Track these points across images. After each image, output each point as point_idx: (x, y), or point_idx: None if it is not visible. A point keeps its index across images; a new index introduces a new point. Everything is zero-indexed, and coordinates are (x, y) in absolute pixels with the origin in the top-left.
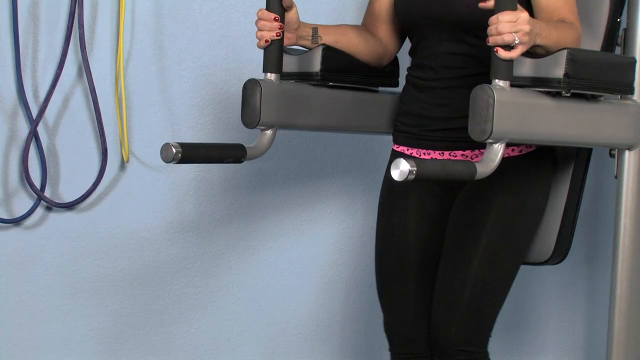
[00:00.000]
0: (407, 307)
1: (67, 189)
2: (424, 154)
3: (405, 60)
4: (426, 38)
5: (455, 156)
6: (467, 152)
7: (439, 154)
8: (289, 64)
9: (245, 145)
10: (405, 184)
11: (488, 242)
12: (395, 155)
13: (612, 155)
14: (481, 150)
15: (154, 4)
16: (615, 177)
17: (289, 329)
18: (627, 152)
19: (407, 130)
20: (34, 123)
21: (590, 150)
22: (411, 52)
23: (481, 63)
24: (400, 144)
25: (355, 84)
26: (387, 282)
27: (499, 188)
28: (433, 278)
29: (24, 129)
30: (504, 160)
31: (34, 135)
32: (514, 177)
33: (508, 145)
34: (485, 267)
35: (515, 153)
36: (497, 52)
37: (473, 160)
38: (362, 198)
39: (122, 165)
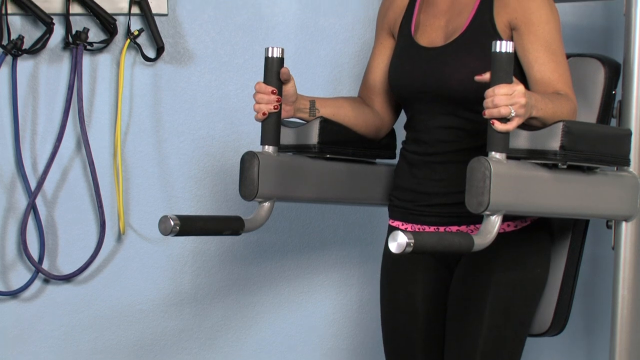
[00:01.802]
0: None
1: (65, 261)
2: (419, 229)
3: (402, 134)
4: (420, 112)
5: (451, 231)
6: (463, 228)
7: (435, 229)
8: (287, 136)
9: (243, 218)
10: (402, 256)
11: (491, 325)
12: (391, 230)
13: (609, 227)
14: (477, 226)
15: (152, 77)
16: (613, 249)
17: None
18: (624, 223)
19: (402, 205)
20: (32, 195)
21: (587, 222)
22: (406, 126)
23: (475, 137)
24: (395, 218)
25: (353, 156)
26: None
27: (496, 265)
28: (440, 355)
29: (22, 201)
30: (499, 236)
31: (32, 207)
32: (511, 252)
33: (504, 219)
34: (490, 349)
35: (511, 228)
36: (493, 124)
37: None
38: (359, 269)
39: (120, 237)
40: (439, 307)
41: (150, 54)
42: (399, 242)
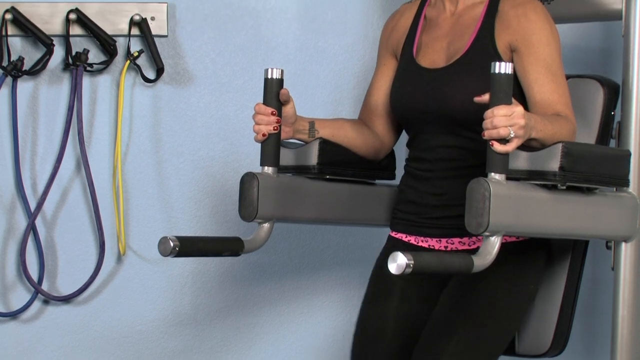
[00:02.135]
0: None
1: (65, 282)
2: (422, 241)
3: (402, 151)
4: (422, 132)
5: (453, 243)
6: (465, 239)
7: (437, 241)
8: (286, 157)
9: (243, 239)
10: (401, 277)
11: (474, 324)
12: (393, 241)
13: (608, 247)
14: (479, 238)
15: (152, 98)
16: (612, 269)
17: None
18: (623, 244)
19: (405, 217)
20: (32, 216)
21: (587, 242)
22: (408, 144)
23: (477, 155)
24: (398, 230)
25: (352, 177)
26: None
27: (492, 273)
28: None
29: (22, 221)
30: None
31: (31, 228)
32: (510, 264)
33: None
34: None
35: (512, 239)
36: (492, 145)
37: (470, 247)
38: (359, 291)
39: (119, 258)
40: (418, 318)
41: (150, 75)
42: (398, 263)
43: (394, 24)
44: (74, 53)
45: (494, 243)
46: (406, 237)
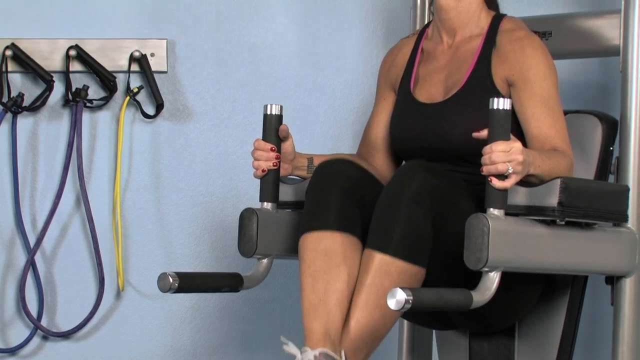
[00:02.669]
0: None
1: (64, 318)
2: None
3: None
4: None
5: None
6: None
7: None
8: (285, 193)
9: (242, 274)
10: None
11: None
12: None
13: (608, 283)
14: None
15: (151, 134)
16: (612, 304)
17: None
18: (623, 279)
19: None
20: (31, 251)
21: (586, 278)
22: None
23: (477, 185)
24: None
25: None
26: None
27: None
28: None
29: (21, 257)
30: None
31: (31, 263)
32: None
33: None
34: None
35: None
36: (491, 181)
37: None
38: None
39: (119, 293)
40: None
41: (150, 110)
42: (397, 299)
43: (393, 59)
44: (73, 89)
45: (493, 279)
46: None
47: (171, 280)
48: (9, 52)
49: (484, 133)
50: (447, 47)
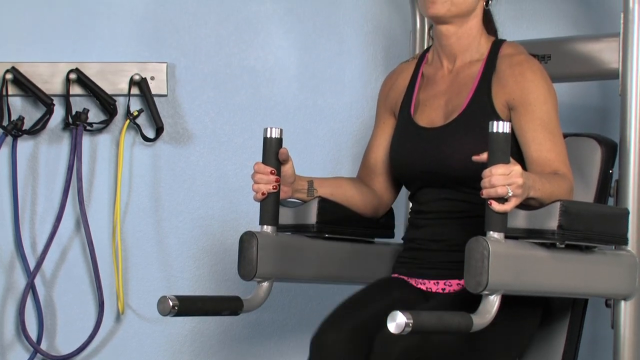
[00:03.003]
0: None
1: (64, 341)
2: (420, 283)
3: (400, 213)
4: (423, 189)
5: (451, 285)
6: (463, 281)
7: (434, 283)
8: (285, 216)
9: (242, 298)
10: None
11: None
12: (392, 278)
13: (608, 306)
14: None
15: (151, 157)
16: (612, 327)
17: None
18: (623, 302)
19: (405, 261)
20: (31, 275)
21: (586, 301)
22: (410, 198)
23: (477, 207)
24: (398, 272)
25: (351, 236)
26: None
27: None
28: None
29: (21, 281)
30: None
31: (30, 287)
32: (507, 304)
33: None
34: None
35: None
36: (491, 204)
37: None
38: None
39: (119, 317)
40: None
41: (150, 134)
42: (397, 322)
43: (392, 83)
44: (74, 112)
45: (493, 302)
46: (408, 279)
47: (171, 303)
48: (9, 76)
49: (483, 156)
50: (448, 72)
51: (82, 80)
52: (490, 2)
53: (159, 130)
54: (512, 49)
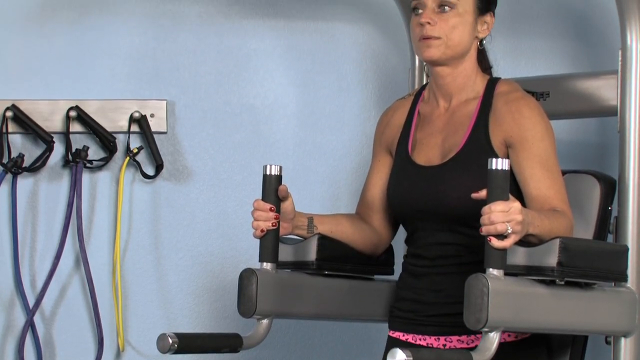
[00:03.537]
0: None
1: None
2: (420, 339)
3: (400, 248)
4: (420, 229)
5: (451, 341)
6: (463, 338)
7: (435, 339)
8: (285, 253)
9: (242, 335)
10: None
11: None
12: (391, 342)
13: (608, 342)
14: (477, 336)
15: (151, 194)
16: None
17: None
18: (622, 339)
19: (403, 315)
20: (30, 312)
21: (586, 337)
22: (407, 241)
23: (475, 252)
24: (395, 329)
25: (351, 273)
26: None
27: None
28: None
29: (20, 318)
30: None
31: (30, 324)
32: None
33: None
34: None
35: (511, 338)
36: (490, 241)
37: (469, 345)
38: None
39: (119, 354)
40: None
41: (150, 171)
42: (397, 359)
43: (387, 120)
44: (73, 150)
45: (493, 339)
46: (404, 335)
47: (171, 340)
48: (9, 114)
49: (482, 193)
50: (444, 111)
51: (82, 117)
52: (483, 41)
53: (159, 167)
54: (507, 86)
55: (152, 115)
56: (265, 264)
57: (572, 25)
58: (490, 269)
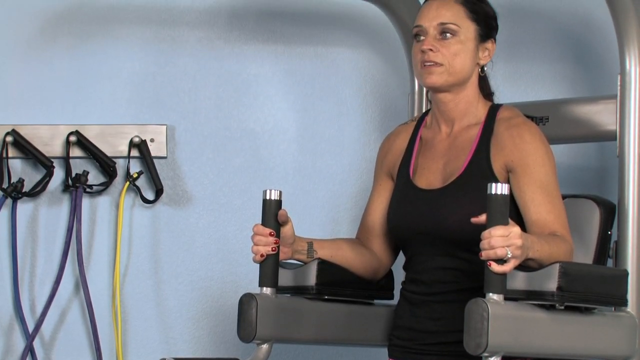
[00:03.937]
0: None
1: None
2: None
3: (399, 274)
4: (419, 253)
5: None
6: None
7: None
8: (285, 277)
9: None
10: None
11: None
12: None
13: None
14: None
15: (151, 219)
16: None
17: None
18: None
19: (402, 344)
20: (30, 337)
21: None
22: (405, 267)
23: (473, 277)
24: (395, 357)
25: (351, 297)
26: None
27: None
28: None
29: (19, 343)
30: None
31: (29, 349)
32: None
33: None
34: None
35: None
36: (490, 266)
37: None
38: None
39: None
40: None
41: (150, 195)
42: None
43: (389, 145)
44: (73, 174)
45: None
46: None
47: None
48: (9, 139)
49: (482, 218)
50: (446, 136)
51: (82, 142)
52: (485, 68)
53: (159, 192)
54: (509, 112)
55: (152, 140)
56: (265, 288)
57: (572, 50)
58: (490, 294)
